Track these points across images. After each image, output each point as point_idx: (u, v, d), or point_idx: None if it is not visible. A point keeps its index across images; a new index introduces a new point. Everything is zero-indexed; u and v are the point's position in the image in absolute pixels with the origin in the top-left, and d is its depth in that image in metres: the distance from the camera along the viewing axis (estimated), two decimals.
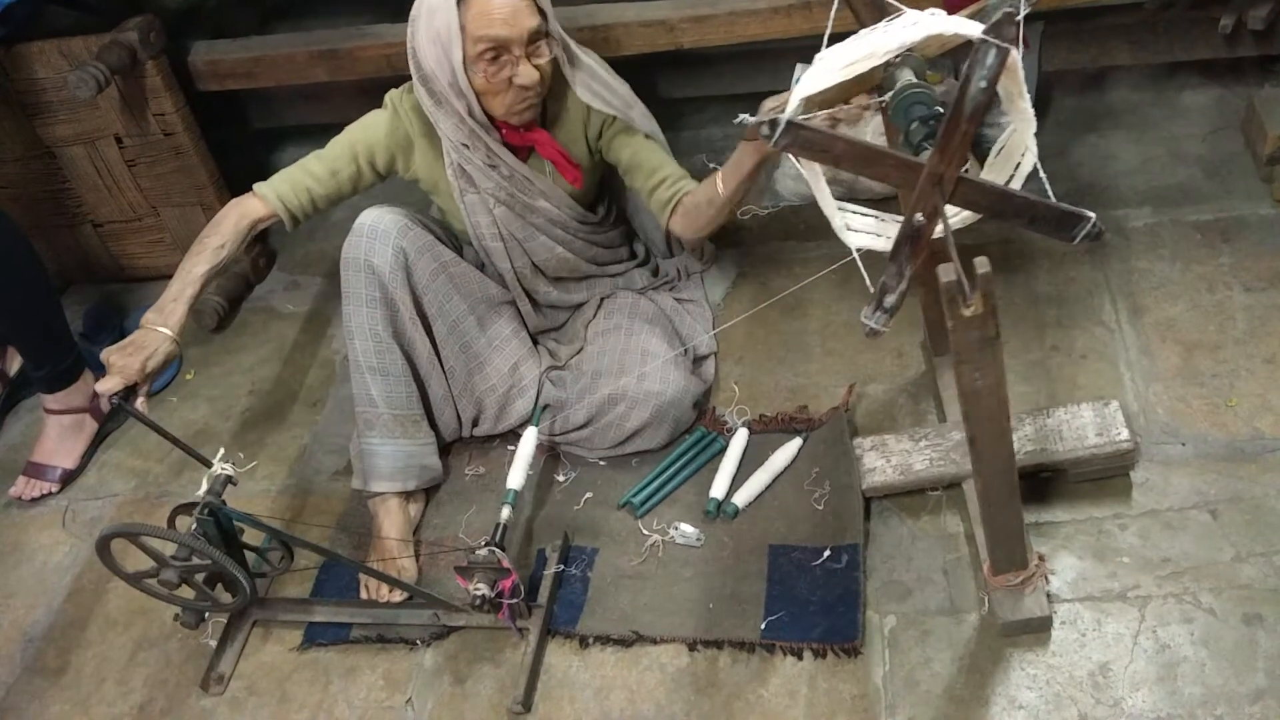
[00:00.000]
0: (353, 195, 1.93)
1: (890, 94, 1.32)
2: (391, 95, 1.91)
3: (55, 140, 2.36)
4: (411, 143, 1.90)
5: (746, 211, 2.40)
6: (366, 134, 1.90)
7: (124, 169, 2.41)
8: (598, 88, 1.86)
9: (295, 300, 2.50)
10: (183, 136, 2.35)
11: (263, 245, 2.58)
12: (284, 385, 2.29)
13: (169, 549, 1.61)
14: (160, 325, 1.71)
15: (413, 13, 1.76)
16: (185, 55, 2.38)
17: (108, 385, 1.65)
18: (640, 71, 2.33)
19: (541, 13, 1.74)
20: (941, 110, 1.25)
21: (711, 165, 2.53)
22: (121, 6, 2.30)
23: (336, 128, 2.73)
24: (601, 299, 2.09)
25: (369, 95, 2.50)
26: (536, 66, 1.74)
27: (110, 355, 1.68)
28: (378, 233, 1.82)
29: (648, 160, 1.89)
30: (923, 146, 1.25)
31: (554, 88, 1.84)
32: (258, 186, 1.88)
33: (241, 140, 2.70)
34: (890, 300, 1.25)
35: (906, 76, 1.32)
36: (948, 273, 1.12)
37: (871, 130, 2.11)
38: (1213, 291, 2.01)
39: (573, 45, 1.84)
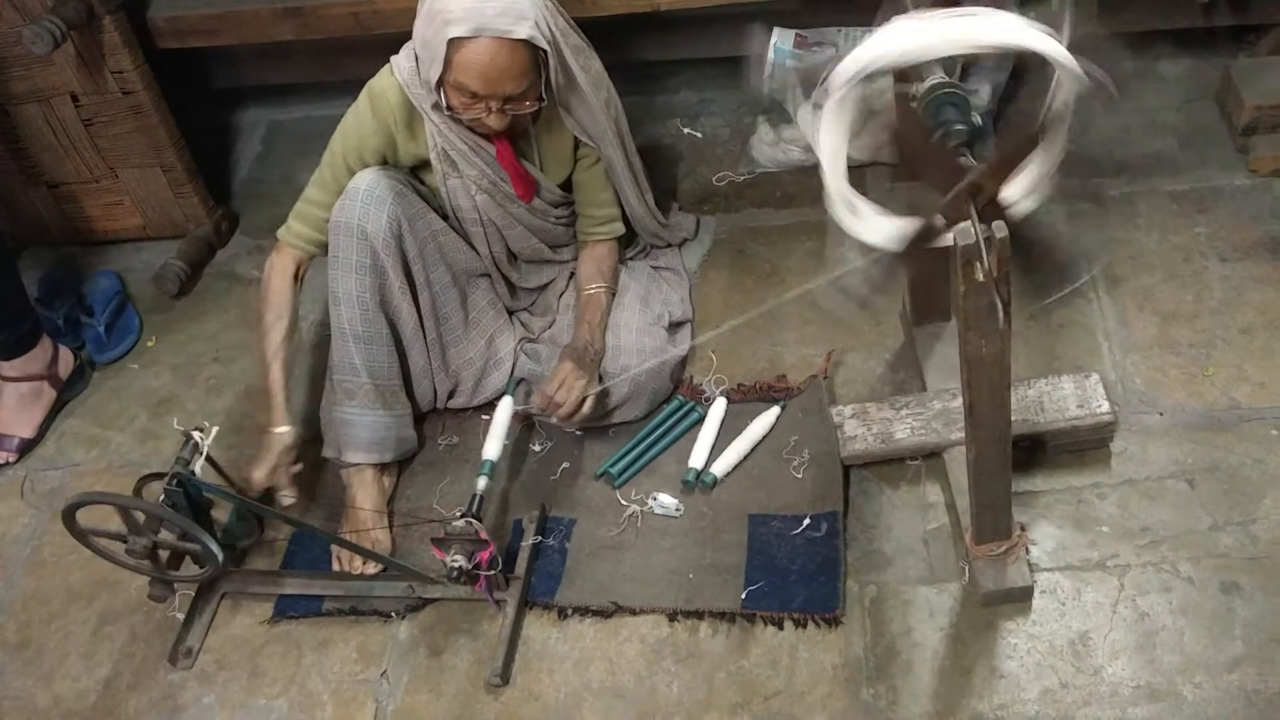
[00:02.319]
0: None
1: (921, 91, 1.26)
2: (372, 87, 1.79)
3: (8, 98, 2.27)
4: (394, 137, 1.81)
5: (722, 178, 2.37)
6: (355, 142, 1.80)
7: (81, 128, 2.32)
8: (583, 117, 1.82)
9: (259, 265, 2.42)
10: (142, 95, 2.26)
11: (225, 209, 2.51)
12: (248, 352, 2.23)
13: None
14: (276, 427, 1.75)
15: None
16: (145, 11, 2.30)
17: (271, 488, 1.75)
18: (615, 34, 2.28)
19: (537, 68, 1.65)
20: (978, 124, 1.21)
21: (687, 130, 2.49)
22: None
23: (300, 88, 2.69)
24: (572, 272, 2.05)
25: (335, 55, 2.45)
26: (513, 115, 1.69)
27: (253, 475, 1.73)
28: (373, 197, 1.75)
29: (592, 194, 1.96)
30: (960, 151, 1.20)
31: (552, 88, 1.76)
32: (283, 238, 1.85)
33: (203, 100, 2.62)
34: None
35: (937, 74, 1.26)
36: (966, 235, 1.10)
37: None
38: (1189, 261, 2.01)
39: (576, 73, 1.75)
